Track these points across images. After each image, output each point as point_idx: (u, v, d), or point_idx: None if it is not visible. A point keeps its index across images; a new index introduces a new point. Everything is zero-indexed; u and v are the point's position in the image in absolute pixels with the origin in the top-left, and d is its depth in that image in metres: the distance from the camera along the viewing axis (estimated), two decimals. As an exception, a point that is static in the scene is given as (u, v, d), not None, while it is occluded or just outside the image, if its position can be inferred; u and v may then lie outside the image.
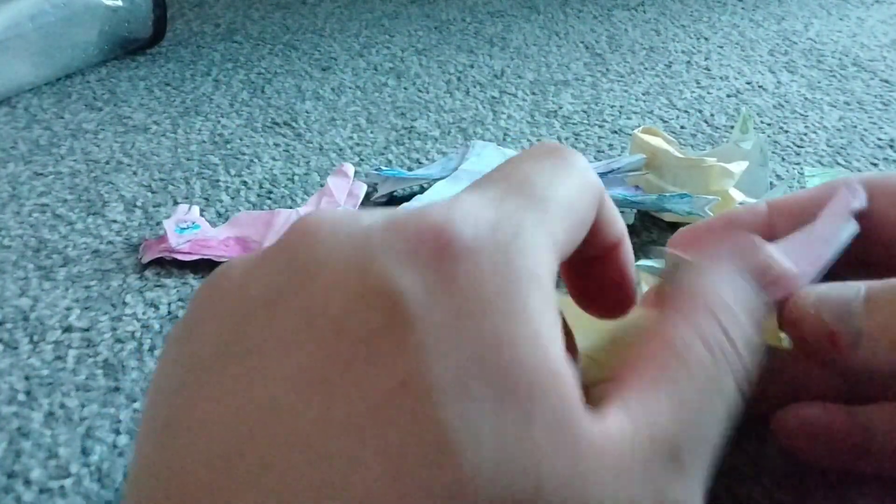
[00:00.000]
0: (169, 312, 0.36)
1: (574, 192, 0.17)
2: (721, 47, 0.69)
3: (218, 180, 0.48)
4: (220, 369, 0.14)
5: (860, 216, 0.21)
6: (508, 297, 0.14)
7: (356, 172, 0.47)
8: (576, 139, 0.52)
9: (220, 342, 0.14)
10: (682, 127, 0.54)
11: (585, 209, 0.17)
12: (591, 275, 0.20)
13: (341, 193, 0.44)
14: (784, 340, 0.19)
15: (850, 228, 0.19)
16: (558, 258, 0.16)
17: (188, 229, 0.40)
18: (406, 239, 0.15)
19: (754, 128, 0.44)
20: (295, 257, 0.15)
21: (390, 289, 0.14)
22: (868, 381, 0.22)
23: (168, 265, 0.39)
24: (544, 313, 0.14)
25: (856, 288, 0.18)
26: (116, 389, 0.32)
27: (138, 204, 0.46)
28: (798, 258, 0.19)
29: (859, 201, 0.19)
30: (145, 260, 0.40)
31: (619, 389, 0.15)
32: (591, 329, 0.23)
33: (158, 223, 0.43)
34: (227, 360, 0.14)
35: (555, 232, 0.16)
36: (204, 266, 0.39)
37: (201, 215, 0.43)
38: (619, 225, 0.20)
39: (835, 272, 0.23)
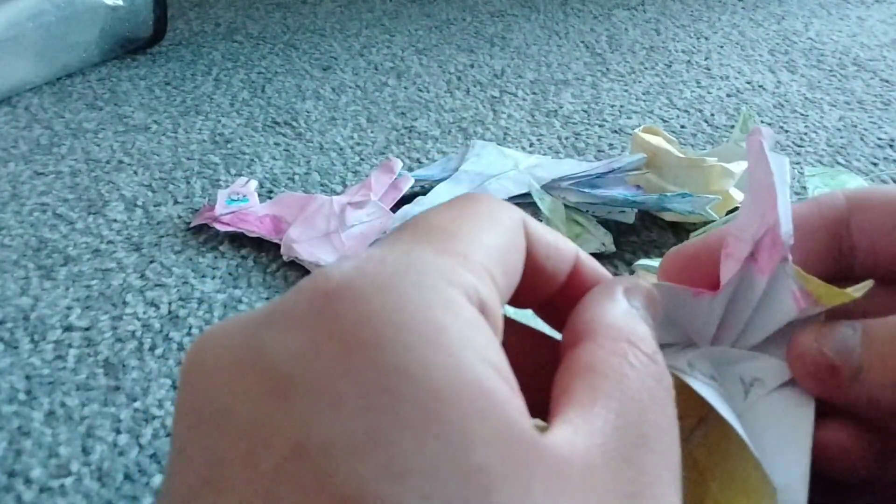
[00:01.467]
0: (169, 312, 0.36)
1: (485, 221, 0.16)
2: (721, 47, 0.69)
3: (218, 179, 0.48)
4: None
5: (841, 229, 0.21)
6: (411, 329, 0.13)
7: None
8: (576, 139, 0.52)
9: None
10: (682, 126, 0.54)
11: (505, 233, 0.17)
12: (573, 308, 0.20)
13: (380, 187, 0.44)
14: (854, 291, 0.19)
15: (777, 160, 0.19)
16: (492, 287, 0.15)
17: (237, 201, 0.43)
18: (285, 301, 0.14)
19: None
20: (185, 365, 0.15)
21: (267, 354, 0.13)
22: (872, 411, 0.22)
23: (168, 263, 0.39)
24: (465, 338, 0.13)
25: (853, 325, 0.19)
26: (117, 388, 0.32)
27: (139, 203, 0.46)
28: (757, 216, 0.19)
29: (766, 134, 0.19)
30: (193, 224, 0.43)
31: (556, 413, 0.15)
32: None
33: (157, 221, 0.44)
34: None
35: (471, 257, 0.15)
36: (217, 255, 0.39)
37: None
38: (562, 244, 0.19)
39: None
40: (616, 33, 0.73)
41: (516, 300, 0.18)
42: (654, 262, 0.23)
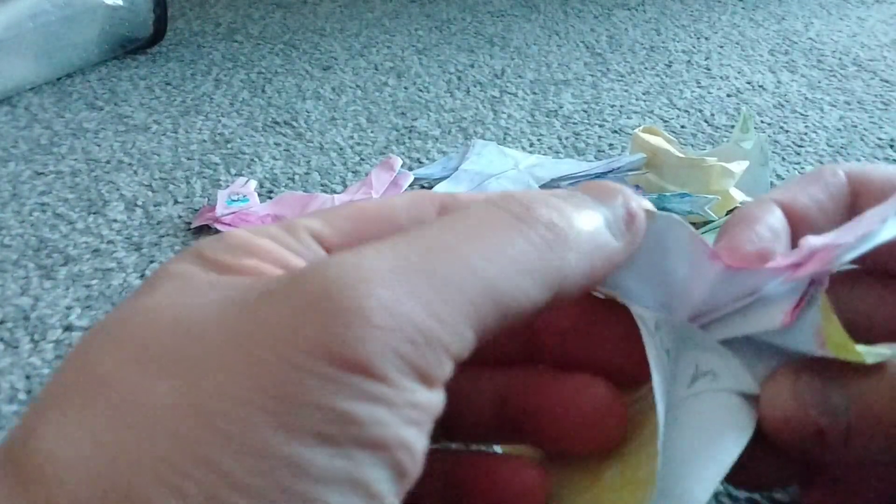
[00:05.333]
0: (169, 311, 0.36)
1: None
2: (721, 47, 0.69)
3: (219, 179, 0.48)
4: None
5: (844, 205, 0.20)
6: None
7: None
8: (576, 139, 0.52)
9: None
10: (682, 126, 0.54)
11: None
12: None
13: (380, 185, 0.45)
14: (867, 355, 0.16)
15: None
16: None
17: (237, 202, 0.43)
18: None
19: (755, 127, 0.44)
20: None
21: None
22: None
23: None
24: None
25: (825, 368, 0.16)
26: (117, 388, 0.32)
27: (139, 203, 0.46)
28: (858, 226, 0.16)
29: None
30: (194, 225, 0.43)
31: None
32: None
33: (157, 221, 0.43)
34: None
35: None
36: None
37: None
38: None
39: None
40: (616, 33, 0.73)
41: None
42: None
